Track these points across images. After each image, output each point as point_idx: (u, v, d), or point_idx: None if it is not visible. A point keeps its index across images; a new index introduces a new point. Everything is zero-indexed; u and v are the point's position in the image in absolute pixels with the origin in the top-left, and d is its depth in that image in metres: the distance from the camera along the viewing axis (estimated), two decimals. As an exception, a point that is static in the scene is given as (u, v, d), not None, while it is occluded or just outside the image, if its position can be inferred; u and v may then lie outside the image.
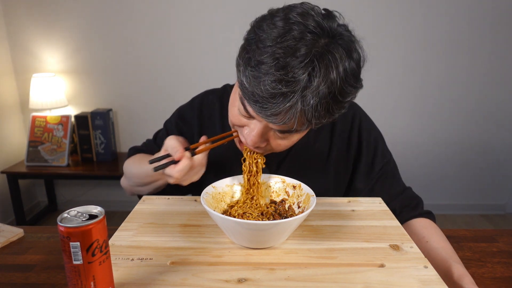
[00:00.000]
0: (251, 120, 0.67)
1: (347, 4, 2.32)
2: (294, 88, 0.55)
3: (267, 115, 0.59)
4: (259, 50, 0.57)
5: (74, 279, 0.47)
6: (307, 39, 0.56)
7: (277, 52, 0.55)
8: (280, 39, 0.56)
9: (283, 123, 0.59)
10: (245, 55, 0.60)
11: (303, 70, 0.54)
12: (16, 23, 2.43)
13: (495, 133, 2.56)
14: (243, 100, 0.64)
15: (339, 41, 0.59)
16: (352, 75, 0.59)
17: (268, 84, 0.55)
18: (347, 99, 0.60)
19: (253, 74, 0.57)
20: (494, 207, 2.72)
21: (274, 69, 0.55)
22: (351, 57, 0.59)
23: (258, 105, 0.58)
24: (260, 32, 0.59)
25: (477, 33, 2.37)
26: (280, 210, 0.72)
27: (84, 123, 2.43)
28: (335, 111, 0.61)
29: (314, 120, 0.59)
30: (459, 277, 0.63)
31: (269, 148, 0.72)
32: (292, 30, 0.56)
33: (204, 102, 0.93)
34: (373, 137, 0.89)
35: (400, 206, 0.85)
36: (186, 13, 2.39)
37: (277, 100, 0.56)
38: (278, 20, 0.58)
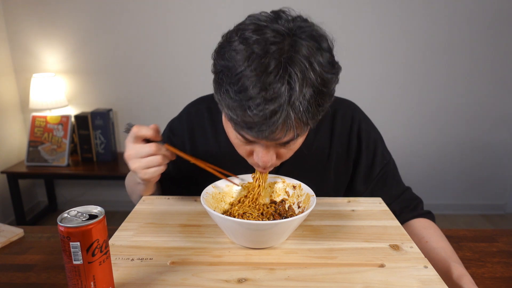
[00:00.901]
0: (254, 144, 0.68)
1: (347, 5, 2.32)
2: (280, 101, 0.55)
3: (266, 136, 0.59)
4: (232, 80, 0.56)
5: (74, 279, 0.47)
6: (272, 51, 0.55)
7: (249, 75, 0.55)
8: (247, 62, 0.55)
9: (284, 136, 0.60)
10: (221, 89, 0.59)
11: (281, 81, 0.54)
12: (16, 23, 2.43)
13: (495, 133, 2.56)
14: (238, 131, 0.64)
15: (301, 36, 0.58)
16: (327, 64, 0.59)
17: (255, 108, 0.55)
18: (331, 87, 0.60)
19: (236, 104, 0.57)
20: (494, 207, 2.72)
21: (254, 92, 0.54)
22: (320, 47, 0.58)
23: (254, 131, 0.58)
24: (224, 62, 0.58)
25: (476, 33, 2.37)
26: (280, 210, 0.72)
27: (84, 123, 2.43)
28: (326, 102, 0.61)
29: (311, 121, 0.60)
30: (458, 277, 0.63)
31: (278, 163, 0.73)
32: (254, 49, 0.55)
33: (192, 115, 0.93)
34: (372, 138, 0.89)
35: (400, 207, 0.85)
36: (186, 14, 2.39)
37: (269, 120, 0.56)
38: (237, 45, 0.57)
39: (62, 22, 2.42)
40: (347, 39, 2.36)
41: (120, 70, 2.51)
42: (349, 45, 2.38)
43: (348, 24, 2.36)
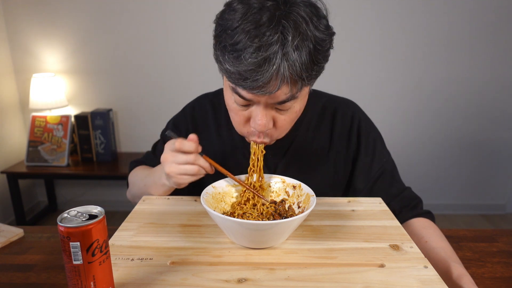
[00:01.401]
0: (251, 108, 0.69)
1: (346, 2, 2.32)
2: (273, 49, 0.57)
3: (259, 87, 0.61)
4: (230, 35, 0.60)
5: (74, 279, 0.47)
6: (268, 6, 0.59)
7: (245, 27, 0.58)
8: (244, 16, 0.59)
9: (278, 88, 0.61)
10: (219, 46, 0.62)
11: (274, 30, 0.57)
12: (16, 23, 2.43)
13: (495, 133, 2.56)
14: (235, 89, 0.66)
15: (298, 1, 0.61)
16: (320, 23, 0.62)
17: (249, 56, 0.58)
18: (326, 47, 0.63)
19: (233, 55, 0.60)
20: (494, 207, 2.72)
21: (248, 41, 0.58)
22: (315, 11, 0.62)
23: (249, 81, 0.60)
24: (224, 22, 0.62)
25: (476, 31, 2.37)
26: (280, 210, 0.72)
27: (84, 123, 2.43)
28: (321, 61, 0.63)
29: (304, 74, 0.61)
30: (458, 277, 0.63)
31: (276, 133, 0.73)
32: (252, 5, 0.59)
33: (195, 109, 0.94)
34: (372, 137, 0.89)
35: (400, 206, 0.85)
36: (186, 14, 2.39)
37: (262, 67, 0.58)
38: (236, 5, 0.61)
39: (62, 22, 2.42)
40: (346, 37, 2.36)
41: (120, 70, 2.51)
42: (348, 43, 2.38)
43: (348, 21, 2.36)
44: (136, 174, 0.93)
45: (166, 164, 0.73)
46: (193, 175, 0.73)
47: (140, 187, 0.89)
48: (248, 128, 0.72)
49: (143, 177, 0.89)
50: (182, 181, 0.74)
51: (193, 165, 0.71)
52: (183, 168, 0.71)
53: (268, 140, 0.74)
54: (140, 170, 0.94)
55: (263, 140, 0.73)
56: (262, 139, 0.73)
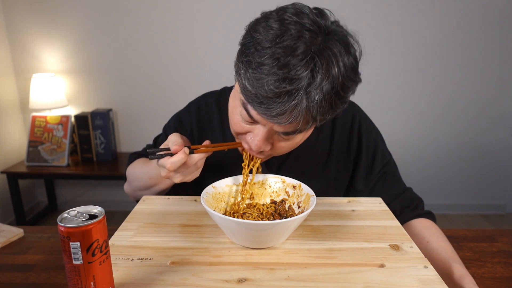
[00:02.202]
0: (255, 126, 0.68)
1: (351, 4, 2.32)
2: (298, 85, 0.55)
3: (272, 116, 0.59)
4: (258, 52, 0.57)
5: (74, 279, 0.47)
6: (305, 37, 0.56)
7: (277, 52, 0.56)
8: (278, 39, 0.56)
9: (289, 122, 0.60)
10: (244, 59, 0.60)
11: (305, 67, 0.55)
12: (16, 23, 2.43)
13: (495, 133, 2.56)
14: (246, 105, 0.64)
15: (335, 37, 0.59)
16: (351, 70, 0.60)
17: (272, 83, 0.56)
18: (348, 93, 0.61)
19: (255, 76, 0.57)
20: (494, 207, 2.72)
21: (276, 68, 0.55)
22: (349, 52, 0.60)
23: (263, 106, 0.58)
24: (256, 35, 0.59)
25: (477, 34, 2.37)
26: (280, 210, 0.72)
27: (84, 123, 2.43)
28: (338, 106, 0.62)
29: (319, 117, 0.60)
30: (459, 277, 0.63)
31: (271, 153, 0.73)
32: (289, 29, 0.57)
33: (201, 106, 0.93)
34: (373, 138, 0.89)
35: (401, 206, 0.85)
36: (186, 14, 2.39)
37: (282, 99, 0.56)
38: (273, 22, 0.58)
39: (62, 22, 2.42)
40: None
41: (120, 70, 2.51)
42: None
43: (349, 22, 2.36)
44: (138, 167, 0.90)
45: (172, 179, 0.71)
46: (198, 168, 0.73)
47: (145, 180, 0.86)
48: (244, 138, 0.71)
49: (146, 171, 0.86)
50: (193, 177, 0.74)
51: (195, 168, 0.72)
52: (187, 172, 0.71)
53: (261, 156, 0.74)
54: (141, 163, 0.91)
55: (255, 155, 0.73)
56: (253, 154, 0.72)
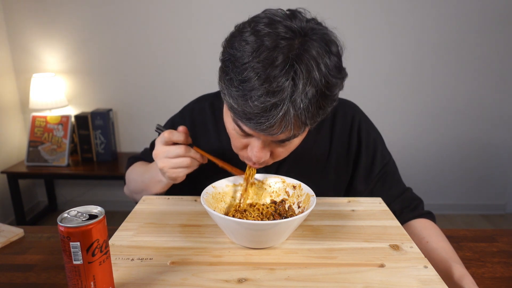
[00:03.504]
0: (250, 138, 0.68)
1: (351, 4, 2.32)
2: (282, 96, 0.55)
3: (263, 129, 0.59)
4: (238, 69, 0.57)
5: (74, 279, 0.47)
6: (281, 46, 0.56)
7: (256, 67, 0.56)
8: (255, 53, 0.56)
9: (281, 132, 0.60)
10: (226, 77, 0.60)
11: (286, 76, 0.55)
12: (16, 23, 2.43)
13: (495, 133, 2.56)
14: (237, 121, 0.65)
15: (313, 37, 0.59)
16: (334, 67, 0.59)
17: (256, 99, 0.56)
18: (335, 91, 0.61)
19: (239, 93, 0.57)
20: (494, 207, 2.72)
21: (257, 83, 0.55)
22: (329, 50, 0.59)
23: (253, 122, 0.59)
24: (233, 51, 0.59)
25: (477, 34, 2.37)
26: (280, 210, 0.72)
27: (84, 123, 2.43)
28: (327, 105, 0.61)
29: (309, 121, 0.60)
30: (459, 277, 0.63)
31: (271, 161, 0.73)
32: (264, 42, 0.56)
33: (195, 111, 0.93)
34: (372, 138, 0.89)
35: (400, 207, 0.85)
36: (186, 14, 2.39)
37: (269, 112, 0.56)
38: (248, 36, 0.58)
39: (62, 22, 2.42)
40: (348, 37, 2.36)
41: (120, 70, 2.51)
42: (351, 46, 2.38)
43: (350, 22, 2.36)
44: (134, 170, 0.93)
45: (159, 159, 0.73)
46: (186, 167, 0.73)
47: (138, 184, 0.89)
48: (245, 153, 0.72)
49: (140, 174, 0.89)
50: (175, 174, 0.74)
51: (184, 157, 0.72)
52: (175, 161, 0.72)
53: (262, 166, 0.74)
54: (138, 166, 0.94)
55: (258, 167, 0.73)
56: (256, 166, 0.73)
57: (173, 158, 0.72)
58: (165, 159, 0.72)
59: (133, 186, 0.91)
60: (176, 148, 0.72)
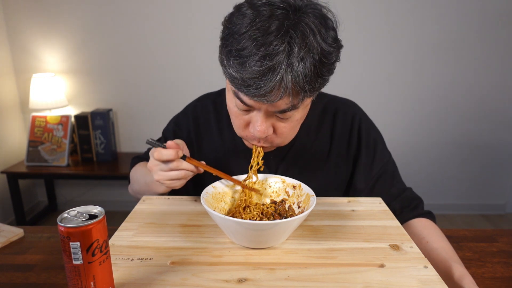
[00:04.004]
0: (251, 113, 0.69)
1: (347, 4, 2.32)
2: (279, 59, 0.57)
3: (262, 96, 0.60)
4: (236, 40, 0.60)
5: (74, 279, 0.47)
6: (277, 14, 0.59)
7: (253, 34, 0.58)
8: (252, 23, 0.59)
9: (280, 98, 0.61)
10: (225, 49, 0.62)
11: (281, 40, 0.57)
12: (16, 23, 2.43)
13: (495, 133, 2.56)
14: (237, 93, 0.66)
15: (308, 10, 0.61)
16: (330, 37, 0.61)
17: (254, 64, 0.58)
18: (332, 59, 0.63)
19: (238, 61, 0.60)
20: (494, 207, 2.72)
21: (254, 49, 0.58)
22: (325, 23, 0.62)
23: (252, 88, 0.60)
24: (232, 25, 0.62)
25: (477, 34, 2.37)
26: (280, 210, 0.72)
27: (84, 123, 2.43)
28: (325, 74, 0.63)
29: (307, 86, 0.61)
30: (459, 277, 0.63)
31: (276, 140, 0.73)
32: (261, 12, 0.59)
33: (197, 109, 0.94)
34: (372, 137, 0.89)
35: (400, 206, 0.85)
36: (186, 14, 2.39)
37: (266, 76, 0.58)
38: (246, 10, 0.61)
39: (62, 22, 2.42)
40: (349, 37, 2.36)
41: (120, 70, 2.51)
42: (351, 44, 2.38)
43: (351, 22, 2.36)
44: (138, 171, 0.93)
45: (153, 172, 0.73)
46: (181, 179, 0.73)
47: (141, 185, 0.89)
48: (248, 132, 0.72)
49: (143, 175, 0.89)
50: (173, 185, 0.74)
51: (177, 170, 0.71)
52: (169, 175, 0.72)
53: (268, 145, 0.74)
54: (141, 167, 0.93)
55: (263, 145, 0.73)
56: (261, 144, 0.73)
57: (168, 172, 0.72)
58: (160, 172, 0.72)
59: (137, 187, 0.91)
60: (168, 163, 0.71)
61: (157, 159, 0.70)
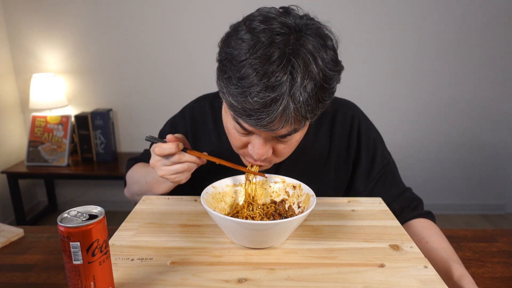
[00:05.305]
0: (251, 136, 0.68)
1: (350, 3, 2.32)
2: (281, 90, 0.56)
3: (264, 125, 0.59)
4: (235, 67, 0.58)
5: (74, 279, 0.47)
6: (277, 41, 0.57)
7: (253, 63, 0.56)
8: (252, 50, 0.57)
9: (282, 127, 0.60)
10: (224, 76, 0.61)
11: (284, 71, 0.56)
12: (16, 23, 2.43)
13: (495, 133, 2.56)
14: (237, 119, 0.65)
15: (307, 32, 0.60)
16: (331, 61, 0.60)
17: (256, 95, 0.56)
18: (332, 84, 0.62)
19: (238, 91, 0.58)
20: (494, 207, 2.72)
21: (256, 79, 0.56)
22: (325, 44, 0.60)
23: (253, 118, 0.59)
24: (230, 50, 0.60)
25: (478, 34, 2.37)
26: (280, 210, 0.72)
27: (84, 123, 2.43)
28: (326, 98, 0.62)
29: (309, 114, 0.60)
30: (459, 277, 0.63)
31: (275, 158, 0.73)
32: (260, 38, 0.57)
33: (195, 110, 0.93)
34: (372, 138, 0.89)
35: (400, 207, 0.85)
36: (186, 13, 2.39)
37: (269, 107, 0.57)
38: (244, 34, 0.59)
39: (62, 22, 2.42)
40: (349, 38, 2.36)
41: (120, 70, 2.51)
42: (351, 45, 2.38)
43: (351, 23, 2.36)
44: (136, 172, 0.93)
45: (157, 168, 0.74)
46: (186, 171, 0.73)
47: (141, 185, 0.88)
48: (246, 151, 0.72)
49: (143, 175, 0.88)
50: (178, 179, 0.74)
51: (180, 163, 0.72)
52: (173, 168, 0.72)
53: (266, 164, 0.74)
54: (139, 168, 0.93)
55: (261, 164, 0.73)
56: (259, 163, 0.73)
57: (171, 166, 0.72)
58: (163, 167, 0.72)
59: (136, 188, 0.91)
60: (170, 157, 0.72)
61: (159, 154, 0.70)
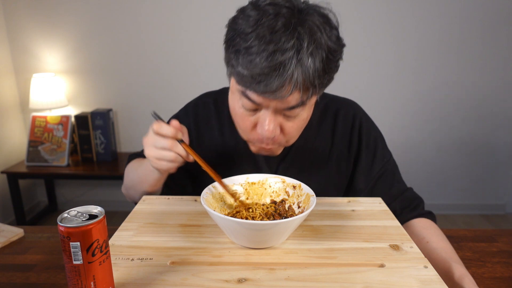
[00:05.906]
0: (259, 113, 0.69)
1: (348, 3, 2.32)
2: (289, 54, 0.58)
3: (273, 91, 0.61)
4: (243, 39, 0.60)
5: (74, 279, 0.47)
6: (283, 13, 0.60)
7: (260, 32, 0.59)
8: (259, 22, 0.59)
9: (290, 93, 0.61)
10: (232, 49, 0.63)
11: (290, 37, 0.58)
12: (16, 23, 2.43)
13: (495, 133, 2.56)
14: (245, 92, 0.66)
15: (311, 11, 0.63)
16: (334, 36, 0.63)
17: (264, 59, 0.58)
18: (337, 57, 0.64)
19: (247, 59, 0.60)
20: (494, 207, 2.72)
21: (264, 46, 0.58)
22: (328, 22, 0.63)
23: (262, 85, 0.60)
24: (237, 26, 0.62)
25: (478, 33, 2.37)
26: (280, 210, 0.72)
27: (84, 123, 2.43)
28: (332, 70, 0.64)
29: (317, 81, 0.62)
30: (459, 277, 0.63)
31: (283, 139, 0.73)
32: (266, 11, 0.60)
33: (199, 107, 0.93)
34: (373, 137, 0.89)
35: (401, 206, 0.85)
36: (186, 13, 2.39)
37: (277, 71, 0.59)
38: (250, 11, 0.62)
39: (62, 22, 2.42)
40: (349, 38, 2.36)
41: (120, 70, 2.51)
42: (352, 45, 2.38)
43: (352, 22, 2.36)
44: (131, 166, 0.92)
45: (146, 146, 0.73)
46: (170, 161, 0.72)
47: (134, 178, 0.88)
48: (255, 134, 0.72)
49: (136, 167, 0.88)
50: (159, 166, 0.73)
51: (170, 151, 0.71)
52: (160, 153, 0.71)
53: (274, 146, 0.74)
54: (135, 162, 0.93)
55: (270, 146, 0.73)
56: (269, 146, 0.73)
57: (159, 149, 0.71)
58: (152, 147, 0.72)
59: (129, 181, 0.90)
60: (163, 140, 0.71)
61: (155, 130, 0.70)
